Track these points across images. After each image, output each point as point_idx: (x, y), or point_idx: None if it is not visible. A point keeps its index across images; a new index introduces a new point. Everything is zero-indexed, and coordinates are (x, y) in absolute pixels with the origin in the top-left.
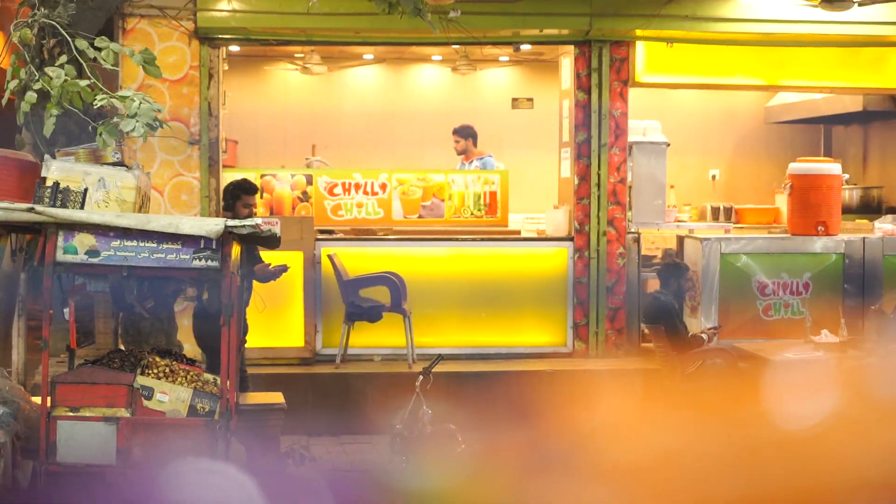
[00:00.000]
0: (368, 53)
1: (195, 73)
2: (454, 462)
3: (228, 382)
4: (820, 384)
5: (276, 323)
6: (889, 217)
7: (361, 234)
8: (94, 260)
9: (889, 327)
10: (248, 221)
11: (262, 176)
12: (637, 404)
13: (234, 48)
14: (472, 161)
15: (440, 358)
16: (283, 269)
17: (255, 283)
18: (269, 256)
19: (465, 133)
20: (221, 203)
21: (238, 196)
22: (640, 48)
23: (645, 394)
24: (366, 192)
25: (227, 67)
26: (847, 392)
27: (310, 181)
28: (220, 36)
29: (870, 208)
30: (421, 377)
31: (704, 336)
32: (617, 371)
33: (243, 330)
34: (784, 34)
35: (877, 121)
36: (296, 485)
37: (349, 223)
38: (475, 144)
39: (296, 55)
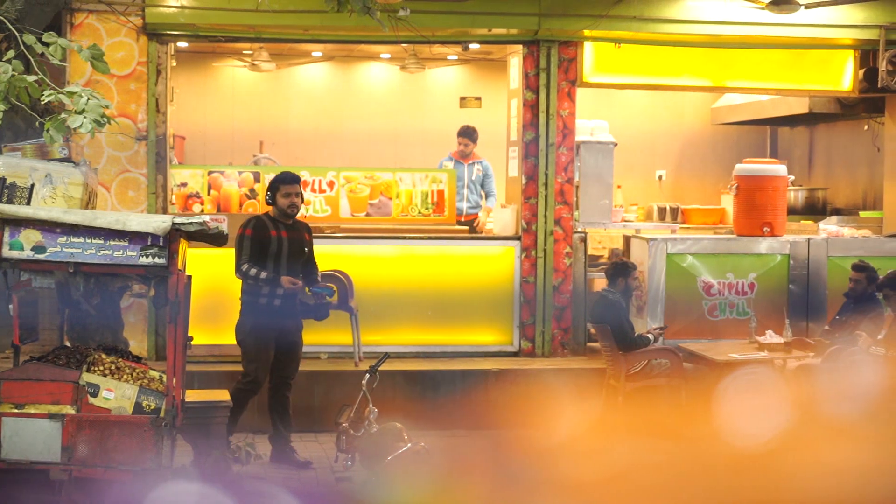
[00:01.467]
0: (317, 51)
1: (143, 69)
2: (401, 461)
3: (175, 380)
4: (764, 385)
5: (222, 320)
6: (834, 218)
7: None
8: (41, 256)
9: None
10: (195, 218)
11: (209, 173)
12: (582, 404)
13: (183, 44)
14: (472, 163)
15: (387, 356)
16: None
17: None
18: (218, 255)
19: (474, 136)
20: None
21: (276, 187)
22: (588, 48)
23: (590, 393)
24: (313, 190)
25: (175, 64)
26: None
27: (257, 178)
28: (168, 32)
29: (815, 210)
30: (367, 375)
31: (650, 336)
32: (563, 370)
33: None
34: (731, 36)
35: (822, 123)
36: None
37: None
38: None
39: (244, 52)
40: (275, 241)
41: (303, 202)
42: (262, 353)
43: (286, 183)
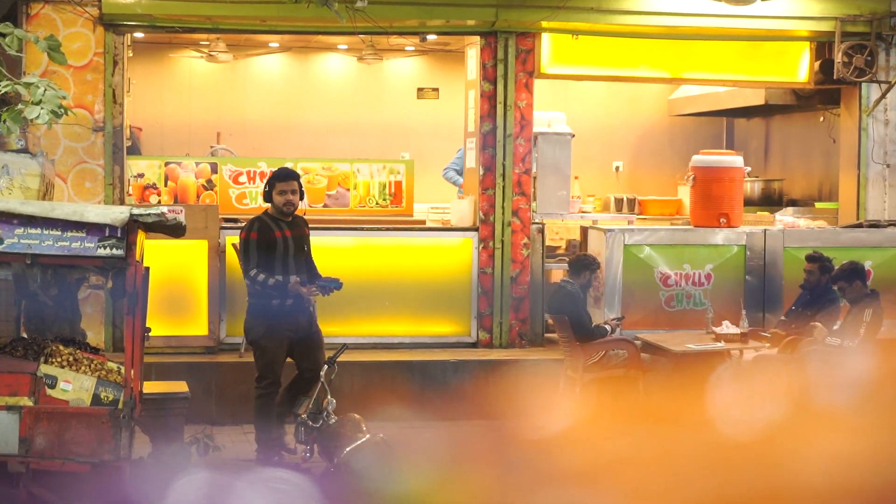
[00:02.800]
0: (274, 42)
1: (100, 59)
2: (360, 452)
3: (133, 371)
4: (723, 375)
5: (180, 311)
6: (790, 209)
7: None
8: None
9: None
10: (153, 209)
11: (166, 164)
12: (539, 395)
13: (139, 35)
14: None
15: (345, 347)
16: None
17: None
18: (176, 246)
19: None
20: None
21: (272, 185)
22: (546, 40)
23: (548, 384)
24: None
25: (131, 54)
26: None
27: (214, 169)
28: (125, 23)
29: (771, 201)
30: (325, 367)
31: (608, 327)
32: (520, 361)
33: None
34: (688, 27)
35: (778, 114)
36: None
37: (254, 212)
38: None
39: (201, 43)
40: (280, 242)
41: (301, 199)
42: (280, 353)
43: (281, 180)
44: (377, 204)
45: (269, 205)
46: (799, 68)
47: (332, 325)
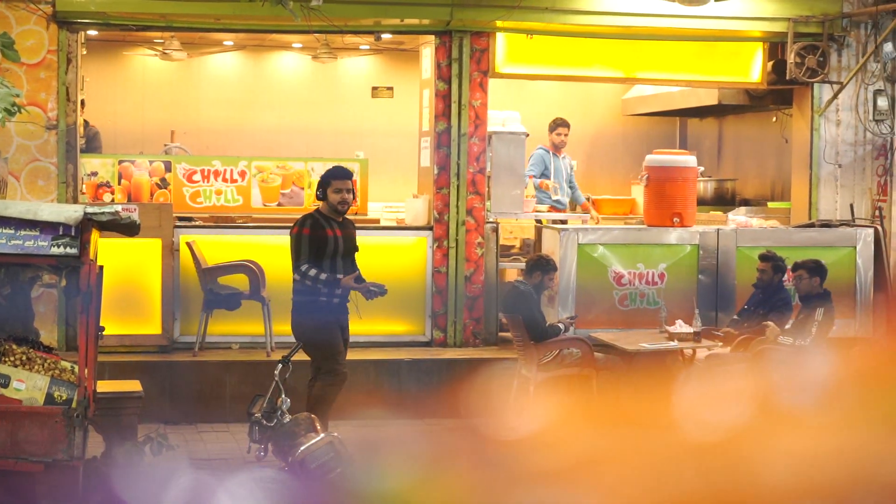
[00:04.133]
0: (229, 40)
1: (53, 57)
2: (314, 452)
3: (87, 370)
4: (675, 373)
5: (133, 310)
6: (742, 209)
7: (220, 221)
8: None
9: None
10: (107, 208)
11: (119, 162)
12: (494, 393)
13: (93, 33)
14: (564, 156)
15: (299, 346)
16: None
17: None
18: (130, 244)
19: (569, 126)
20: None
21: (327, 182)
22: (501, 39)
23: (502, 383)
24: (225, 180)
25: (85, 52)
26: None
27: (168, 168)
28: (78, 20)
29: (724, 200)
30: (280, 365)
31: (561, 326)
32: (475, 360)
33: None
34: (642, 28)
35: (731, 114)
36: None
37: (208, 210)
38: None
39: (155, 41)
40: (331, 241)
41: (355, 198)
42: (338, 343)
43: (338, 178)
44: None
45: (321, 202)
46: (752, 69)
47: (287, 324)
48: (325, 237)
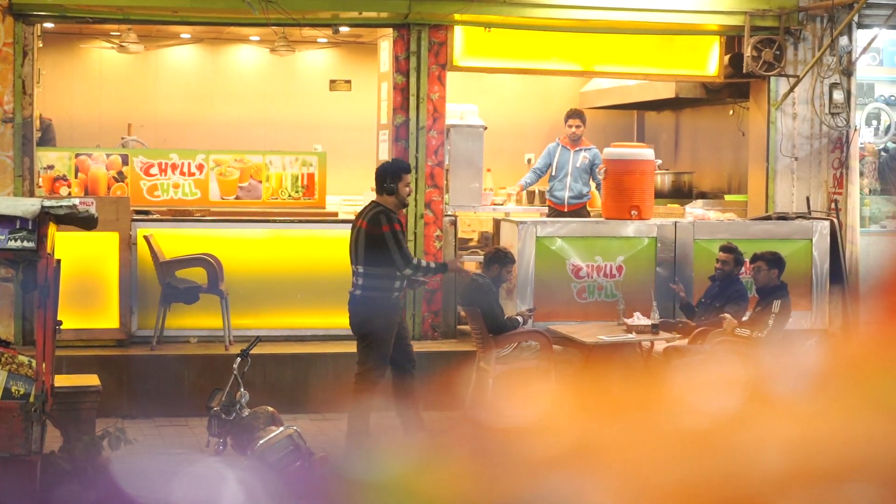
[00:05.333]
0: (186, 33)
1: (9, 50)
2: (273, 445)
3: (44, 365)
4: (633, 365)
5: (90, 304)
6: (700, 202)
7: (178, 214)
8: None
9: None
10: (64, 202)
11: (76, 155)
12: (451, 386)
13: (49, 25)
14: (579, 150)
15: (258, 340)
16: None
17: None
18: (87, 238)
19: (585, 118)
20: (374, 186)
21: (399, 176)
22: (459, 32)
23: (461, 376)
24: (182, 173)
25: (41, 45)
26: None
27: (126, 161)
28: (34, 13)
29: (681, 193)
30: (238, 359)
31: (520, 318)
32: (433, 353)
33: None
34: (599, 21)
35: (688, 107)
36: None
37: (166, 204)
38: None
39: (112, 33)
40: (406, 234)
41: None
42: (391, 344)
43: (408, 171)
44: (290, 196)
45: (386, 196)
46: (709, 62)
47: (245, 318)
48: (404, 232)
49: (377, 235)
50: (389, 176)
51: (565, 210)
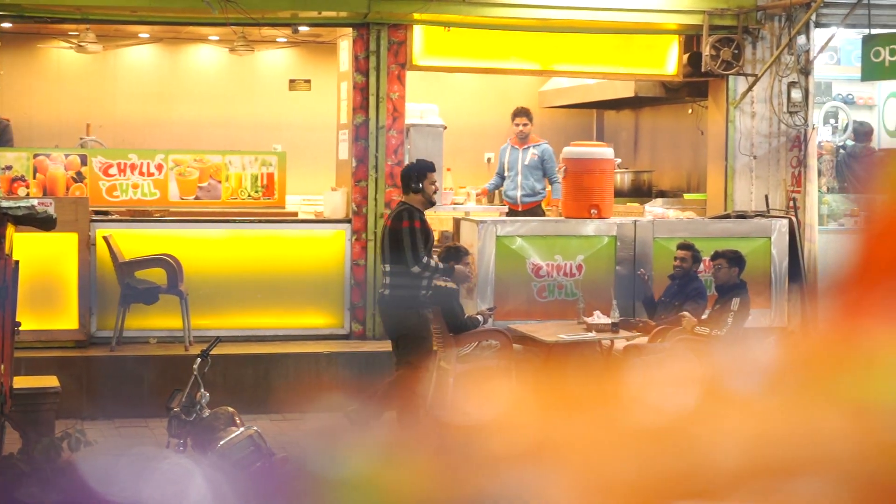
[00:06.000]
0: (145, 32)
1: None
2: (234, 446)
3: (2, 366)
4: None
5: (49, 305)
6: (659, 200)
7: (137, 215)
8: None
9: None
10: (22, 202)
11: (35, 156)
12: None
13: (7, 25)
14: (527, 147)
15: (218, 340)
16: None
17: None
18: (45, 239)
19: (531, 115)
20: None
21: (424, 175)
22: (418, 32)
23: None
24: (141, 173)
25: None
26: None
27: (84, 161)
28: None
29: (641, 192)
30: (199, 360)
31: (480, 318)
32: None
33: None
34: (558, 20)
35: (647, 106)
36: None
37: (125, 204)
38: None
39: (70, 33)
40: (432, 235)
41: None
42: (430, 339)
43: (433, 170)
44: (249, 196)
45: (412, 195)
46: (668, 61)
47: (205, 318)
48: (428, 230)
49: (397, 231)
50: (415, 175)
51: (520, 209)
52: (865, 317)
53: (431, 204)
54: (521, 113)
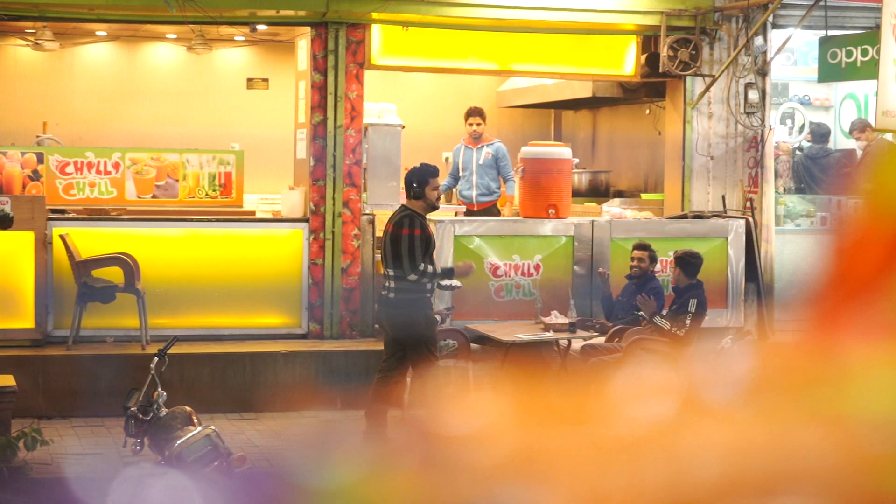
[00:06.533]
0: (102, 30)
1: None
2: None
3: None
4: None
5: (5, 304)
6: (617, 200)
7: (94, 213)
8: None
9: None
10: None
11: None
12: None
13: None
14: (481, 146)
15: (175, 339)
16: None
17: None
18: (1, 237)
19: (484, 114)
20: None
21: (426, 180)
22: (377, 31)
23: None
24: (98, 172)
25: None
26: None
27: (41, 159)
28: None
29: (598, 192)
30: (156, 359)
31: (438, 317)
32: (351, 352)
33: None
34: (516, 20)
35: (605, 106)
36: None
37: (82, 203)
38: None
39: (27, 31)
40: (433, 240)
41: None
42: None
43: (435, 175)
44: (207, 195)
45: (414, 200)
46: (625, 61)
47: (162, 317)
48: (429, 237)
49: (397, 238)
50: (416, 180)
51: (475, 209)
52: (842, 329)
53: (433, 209)
54: (475, 113)
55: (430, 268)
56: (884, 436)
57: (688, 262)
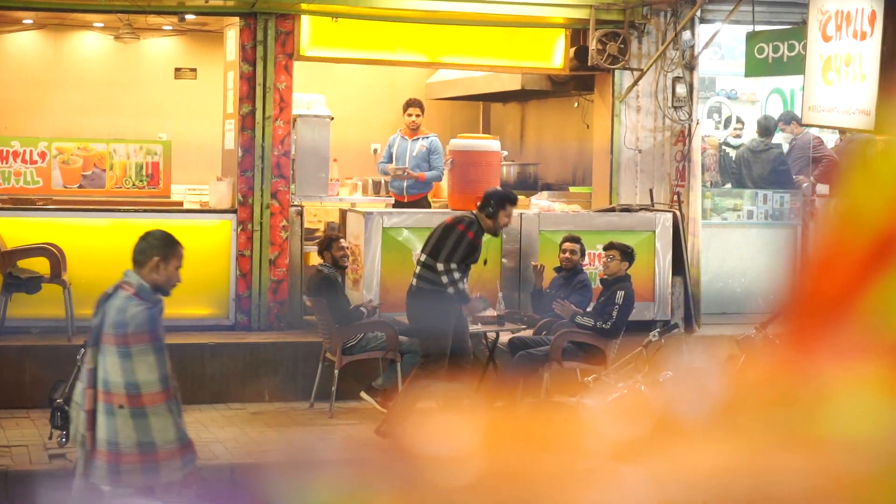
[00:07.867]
0: (28, 18)
1: None
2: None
3: None
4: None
5: None
6: (545, 193)
7: (19, 203)
8: None
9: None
10: None
11: None
12: (298, 377)
13: None
14: (416, 139)
15: None
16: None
17: None
18: None
19: (423, 106)
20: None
21: (503, 206)
22: (306, 22)
23: (307, 366)
24: (24, 161)
25: None
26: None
27: None
28: None
29: (527, 185)
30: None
31: (364, 310)
32: (279, 343)
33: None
34: (445, 12)
35: (534, 99)
36: None
37: (7, 192)
38: None
39: None
40: (479, 252)
41: None
42: (450, 335)
43: (514, 204)
44: (134, 185)
45: (483, 214)
46: (554, 55)
47: (89, 308)
48: (478, 247)
49: (451, 229)
50: (494, 202)
51: (405, 200)
52: (811, 351)
53: (494, 233)
54: (414, 104)
55: (457, 273)
56: (860, 458)
57: (624, 250)
